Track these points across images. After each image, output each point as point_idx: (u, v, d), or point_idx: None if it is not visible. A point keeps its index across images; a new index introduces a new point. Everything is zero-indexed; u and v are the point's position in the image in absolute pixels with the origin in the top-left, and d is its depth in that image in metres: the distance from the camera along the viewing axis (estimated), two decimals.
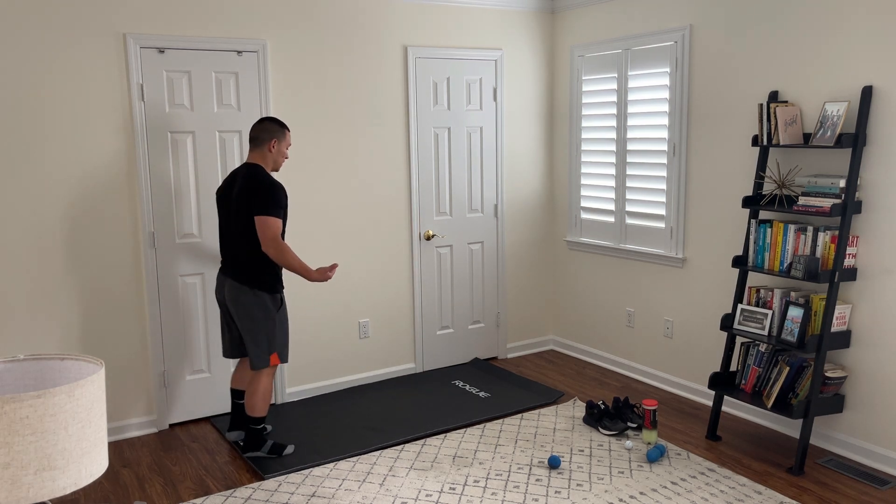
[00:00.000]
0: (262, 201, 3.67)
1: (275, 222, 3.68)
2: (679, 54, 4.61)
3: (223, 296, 3.89)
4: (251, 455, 3.94)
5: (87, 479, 1.81)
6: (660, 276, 4.93)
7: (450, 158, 5.24)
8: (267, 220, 3.66)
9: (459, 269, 5.40)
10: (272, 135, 3.79)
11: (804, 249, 3.81)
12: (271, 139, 3.79)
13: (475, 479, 3.71)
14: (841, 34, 3.76)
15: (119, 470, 3.89)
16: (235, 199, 3.76)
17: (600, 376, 5.24)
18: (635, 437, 4.16)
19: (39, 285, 3.99)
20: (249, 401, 3.88)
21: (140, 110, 4.15)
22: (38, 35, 3.85)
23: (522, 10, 5.40)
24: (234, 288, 3.79)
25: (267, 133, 3.79)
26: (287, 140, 3.86)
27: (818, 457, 3.89)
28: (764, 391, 3.96)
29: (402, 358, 5.25)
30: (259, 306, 3.79)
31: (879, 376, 3.75)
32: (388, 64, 4.92)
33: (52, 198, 3.97)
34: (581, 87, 5.38)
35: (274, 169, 3.86)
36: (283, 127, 3.85)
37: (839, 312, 3.77)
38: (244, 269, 3.77)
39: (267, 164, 3.82)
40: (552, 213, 5.78)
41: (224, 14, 4.32)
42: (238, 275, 3.78)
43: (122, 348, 4.25)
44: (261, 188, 3.69)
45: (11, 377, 1.97)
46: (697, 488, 3.58)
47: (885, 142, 3.63)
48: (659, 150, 4.82)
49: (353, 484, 3.68)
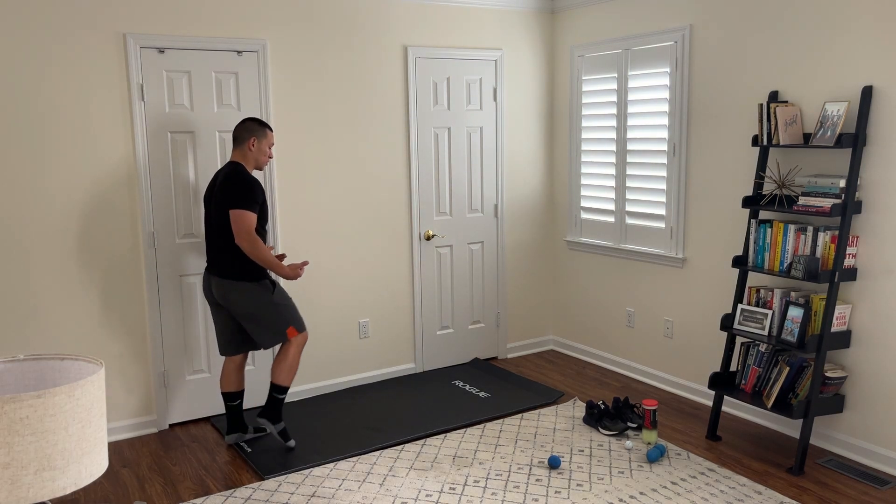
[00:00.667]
0: (237, 196, 3.76)
1: (249, 216, 3.76)
2: (679, 54, 4.61)
3: (212, 294, 3.96)
4: (262, 423, 4.01)
5: (87, 479, 1.81)
6: (660, 276, 4.93)
7: (450, 158, 5.24)
8: (241, 213, 3.75)
9: (459, 269, 5.40)
10: (252, 133, 3.87)
11: (804, 249, 3.81)
12: (251, 138, 3.87)
13: (475, 479, 3.71)
14: (841, 34, 3.76)
15: (119, 470, 3.89)
16: (216, 197, 3.85)
17: (600, 376, 5.24)
18: (635, 437, 4.16)
19: (39, 285, 3.99)
20: (276, 368, 3.98)
21: (140, 110, 4.15)
22: (38, 35, 3.85)
23: (522, 10, 5.40)
24: (222, 284, 3.87)
25: (247, 132, 3.87)
26: (269, 139, 3.93)
27: (818, 457, 3.89)
28: (764, 391, 3.96)
29: (402, 358, 5.25)
30: (250, 295, 3.87)
31: (879, 376, 3.75)
32: (388, 64, 4.92)
33: (51, 198, 3.97)
34: (581, 87, 5.38)
35: (256, 167, 3.94)
36: (265, 126, 3.92)
37: (839, 312, 3.77)
38: (227, 264, 3.85)
39: (248, 162, 3.90)
40: (552, 213, 5.78)
41: (224, 14, 4.32)
42: (222, 271, 3.87)
43: (123, 349, 4.25)
44: (236, 184, 3.78)
45: (11, 377, 1.97)
46: (697, 488, 3.58)
47: (885, 142, 3.63)
48: (659, 150, 4.82)
49: (353, 484, 3.68)
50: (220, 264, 3.87)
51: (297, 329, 3.97)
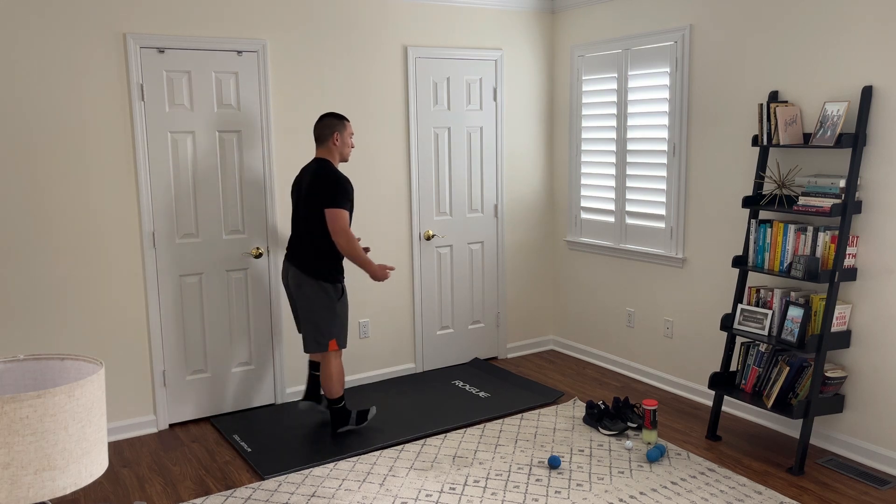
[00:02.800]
0: (331, 194, 3.92)
1: (344, 214, 3.94)
2: (679, 54, 4.61)
3: (288, 281, 4.15)
4: (343, 430, 4.22)
5: (87, 479, 1.81)
6: (660, 276, 4.93)
7: (450, 158, 5.24)
8: (336, 212, 3.91)
9: (459, 269, 5.40)
10: (333, 129, 4.04)
11: (804, 249, 3.81)
12: (333, 133, 4.03)
13: (475, 479, 3.71)
14: (841, 34, 3.76)
15: (119, 470, 3.89)
16: (304, 194, 4.01)
17: (600, 376, 5.24)
18: (635, 437, 4.16)
19: (39, 285, 3.99)
20: (325, 385, 4.14)
21: (140, 110, 4.15)
22: (38, 35, 3.85)
23: (522, 10, 5.40)
24: (298, 276, 4.05)
25: (328, 129, 4.04)
26: (349, 130, 4.09)
27: (818, 457, 3.89)
28: (764, 391, 3.96)
29: (402, 358, 5.25)
30: (320, 295, 4.03)
31: (879, 376, 3.75)
32: (388, 64, 4.92)
33: (51, 197, 3.97)
34: (581, 87, 5.38)
35: (342, 160, 4.10)
36: (343, 119, 4.07)
37: (839, 312, 3.77)
38: (308, 259, 4.02)
39: (334, 157, 4.06)
40: (552, 213, 5.78)
41: (224, 14, 4.33)
42: (302, 265, 4.03)
43: (122, 348, 4.25)
44: (328, 182, 3.94)
45: (11, 377, 1.97)
46: (697, 488, 3.58)
47: (885, 142, 3.63)
48: (659, 150, 4.82)
49: (353, 484, 3.68)
50: (300, 257, 4.04)
51: (339, 345, 4.11)
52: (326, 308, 4.04)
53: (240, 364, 4.62)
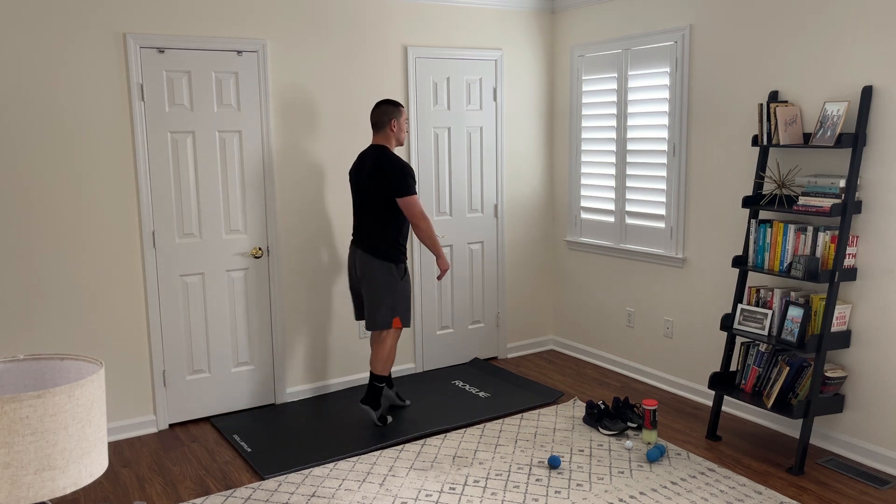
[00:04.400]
0: (400, 183, 4.11)
1: (416, 200, 4.15)
2: (679, 54, 4.61)
3: (354, 265, 4.32)
4: (365, 408, 4.35)
5: (87, 479, 1.81)
6: (660, 276, 4.93)
7: (450, 158, 5.24)
8: (409, 199, 4.12)
9: (459, 269, 5.40)
10: (390, 116, 4.20)
11: (804, 249, 3.81)
12: (390, 121, 4.21)
13: (475, 479, 3.71)
14: (841, 34, 3.76)
15: (119, 470, 3.89)
16: (366, 181, 4.18)
17: (600, 376, 5.24)
18: (635, 437, 4.16)
19: (39, 285, 3.99)
20: (374, 358, 4.32)
21: (140, 110, 4.15)
22: (37, 35, 3.85)
23: (522, 9, 5.40)
24: (365, 259, 4.24)
25: (386, 115, 4.21)
26: (404, 115, 4.26)
27: (818, 457, 3.89)
28: (764, 391, 3.96)
29: (402, 358, 5.25)
30: (386, 274, 4.21)
31: (879, 376, 3.75)
32: (388, 64, 4.92)
33: (51, 197, 3.97)
34: (581, 87, 5.38)
35: (398, 144, 4.28)
36: (398, 105, 4.24)
37: (839, 312, 3.77)
38: (373, 242, 4.21)
39: (390, 143, 4.24)
40: (552, 213, 5.78)
41: (224, 14, 4.33)
42: (368, 248, 4.23)
43: (122, 348, 4.25)
44: (393, 171, 4.11)
45: (11, 377, 1.97)
46: (697, 488, 3.58)
47: (885, 142, 3.63)
48: (659, 150, 4.82)
49: (353, 484, 3.68)
50: (366, 240, 4.23)
51: (403, 323, 4.29)
52: (390, 286, 4.21)
53: (240, 364, 4.62)
